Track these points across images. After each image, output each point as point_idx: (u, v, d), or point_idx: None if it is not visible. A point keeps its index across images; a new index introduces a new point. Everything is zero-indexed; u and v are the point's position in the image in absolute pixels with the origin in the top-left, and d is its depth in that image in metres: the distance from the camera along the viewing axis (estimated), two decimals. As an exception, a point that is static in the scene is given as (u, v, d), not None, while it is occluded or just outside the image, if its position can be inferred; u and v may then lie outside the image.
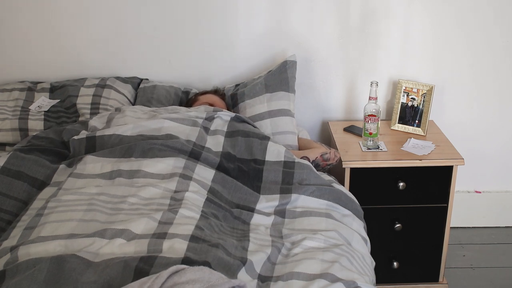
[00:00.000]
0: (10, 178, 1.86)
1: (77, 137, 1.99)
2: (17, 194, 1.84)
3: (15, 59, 2.66)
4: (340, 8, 2.59)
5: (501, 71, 2.71)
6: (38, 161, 1.92)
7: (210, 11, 2.60)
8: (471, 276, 2.64)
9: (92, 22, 2.61)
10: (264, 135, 2.08)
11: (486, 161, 2.87)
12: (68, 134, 2.06)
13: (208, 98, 2.42)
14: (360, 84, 2.71)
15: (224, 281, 1.22)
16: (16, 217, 1.77)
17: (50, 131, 2.10)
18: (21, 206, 1.81)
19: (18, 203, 1.82)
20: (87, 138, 1.97)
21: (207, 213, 1.67)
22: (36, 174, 1.89)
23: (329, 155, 2.23)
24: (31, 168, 1.89)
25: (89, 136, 1.97)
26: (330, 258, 1.59)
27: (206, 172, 1.87)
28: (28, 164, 1.90)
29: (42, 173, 1.90)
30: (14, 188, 1.84)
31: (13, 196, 1.83)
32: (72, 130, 2.08)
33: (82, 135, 2.00)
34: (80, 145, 1.97)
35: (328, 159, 2.23)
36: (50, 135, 2.07)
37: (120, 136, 1.95)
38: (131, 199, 1.69)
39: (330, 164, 2.26)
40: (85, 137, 1.98)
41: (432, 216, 2.43)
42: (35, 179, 1.88)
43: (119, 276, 1.33)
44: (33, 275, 1.33)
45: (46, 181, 1.89)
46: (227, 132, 2.05)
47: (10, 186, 1.84)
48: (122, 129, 2.00)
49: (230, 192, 1.85)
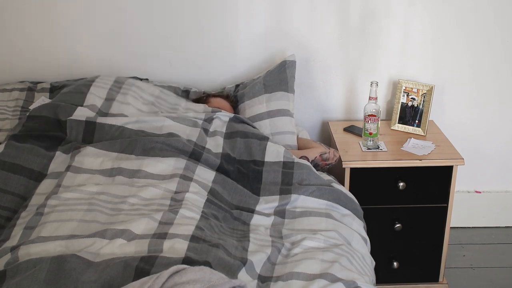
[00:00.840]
0: (6, 172, 1.83)
1: (75, 118, 1.94)
2: (14, 189, 1.81)
3: (15, 59, 2.66)
4: (340, 8, 2.59)
5: (501, 71, 2.71)
6: (33, 150, 1.89)
7: (210, 11, 2.60)
8: (471, 276, 2.64)
9: (92, 22, 2.61)
10: (263, 135, 2.07)
11: (486, 161, 2.87)
12: (63, 112, 1.99)
13: (219, 103, 2.38)
14: (360, 84, 2.71)
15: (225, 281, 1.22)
16: (14, 213, 1.76)
17: (44, 107, 2.03)
18: (19, 201, 1.79)
19: (15, 198, 1.80)
20: (86, 122, 1.93)
21: (207, 213, 1.67)
22: (32, 165, 1.86)
23: (328, 154, 2.23)
24: (26, 158, 1.86)
25: (89, 121, 1.93)
26: (330, 258, 1.59)
27: (206, 173, 1.87)
28: (23, 155, 1.87)
29: (39, 163, 1.87)
30: (10, 183, 1.82)
31: (10, 191, 1.80)
32: (67, 107, 2.01)
33: (81, 117, 1.95)
34: (78, 127, 1.93)
35: (328, 159, 2.23)
36: (44, 113, 2.01)
37: (121, 128, 1.93)
38: (131, 199, 1.69)
39: (329, 164, 2.26)
40: (85, 120, 1.93)
41: (432, 216, 2.43)
42: (31, 171, 1.85)
43: (119, 276, 1.33)
44: (33, 275, 1.33)
45: (43, 171, 1.86)
46: (226, 133, 2.05)
47: (6, 181, 1.82)
48: (123, 121, 1.97)
49: (230, 194, 1.85)
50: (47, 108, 2.03)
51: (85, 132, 1.93)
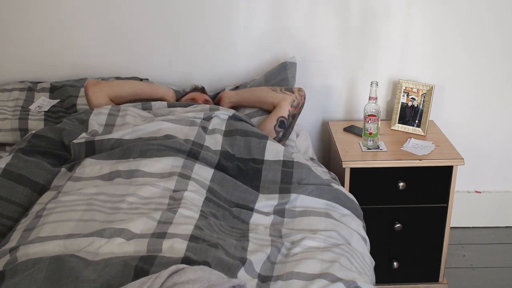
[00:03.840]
0: (12, 182, 1.85)
1: (76, 141, 1.99)
2: (18, 199, 1.83)
3: (15, 59, 2.66)
4: (341, 8, 2.59)
5: (501, 71, 2.71)
6: (40, 164, 1.91)
7: (210, 11, 2.60)
8: (471, 276, 2.64)
9: (92, 22, 2.61)
10: (263, 134, 2.07)
11: (486, 161, 2.87)
12: (68, 136, 2.04)
13: (190, 95, 2.40)
14: (360, 84, 2.71)
15: (224, 280, 1.22)
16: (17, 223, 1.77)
17: (49, 130, 2.07)
18: (22, 212, 1.80)
19: (19, 208, 1.81)
20: (86, 143, 1.97)
21: (206, 212, 1.67)
22: (37, 178, 1.88)
23: (296, 100, 2.21)
24: (33, 171, 1.88)
25: (88, 141, 1.97)
26: (330, 257, 1.58)
27: (205, 171, 1.87)
28: (30, 167, 1.89)
29: (43, 177, 1.89)
30: (15, 193, 1.83)
31: (14, 201, 1.82)
32: (72, 131, 2.06)
33: (82, 139, 2.00)
34: (80, 148, 1.97)
35: (299, 104, 2.20)
36: (49, 134, 2.05)
37: (120, 141, 1.95)
38: (130, 198, 1.69)
39: (302, 106, 2.23)
40: (85, 141, 1.97)
41: (432, 216, 2.43)
42: (36, 184, 1.87)
43: (118, 275, 1.33)
44: (32, 275, 1.33)
45: (47, 185, 1.88)
46: (225, 131, 2.05)
47: (12, 191, 1.83)
48: (120, 133, 1.99)
49: (229, 191, 1.85)
50: (52, 130, 2.07)
51: (87, 151, 1.97)
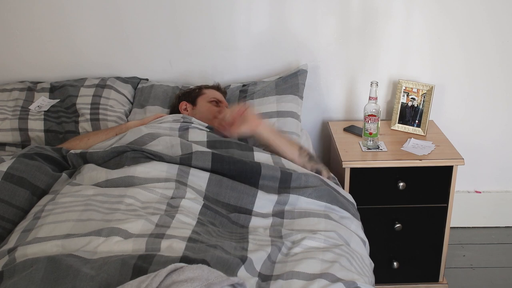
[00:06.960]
0: (13, 185, 1.85)
1: (73, 152, 2.05)
2: (19, 203, 1.83)
3: (15, 59, 2.66)
4: (341, 8, 2.59)
5: (501, 71, 2.71)
6: (41, 168, 1.93)
7: (210, 11, 2.60)
8: (471, 276, 2.64)
9: (92, 22, 2.61)
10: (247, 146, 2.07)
11: (486, 161, 2.87)
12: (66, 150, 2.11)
13: (214, 94, 2.40)
14: (360, 84, 2.71)
15: (223, 279, 1.22)
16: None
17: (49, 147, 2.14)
18: (22, 216, 1.81)
19: (20, 212, 1.82)
20: (80, 154, 2.03)
21: (204, 220, 1.67)
22: (38, 182, 1.89)
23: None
24: (34, 175, 1.89)
25: (82, 152, 2.03)
26: (330, 258, 1.58)
27: (200, 175, 1.85)
28: (31, 170, 1.90)
29: (44, 181, 1.91)
30: (16, 196, 1.84)
31: (15, 205, 1.83)
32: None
33: (77, 150, 2.06)
34: (77, 159, 2.02)
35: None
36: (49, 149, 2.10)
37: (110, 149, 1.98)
38: (127, 199, 1.69)
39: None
40: (79, 152, 2.03)
41: (432, 216, 2.43)
42: (36, 188, 1.88)
43: (117, 274, 1.33)
44: (30, 275, 1.33)
45: (46, 189, 1.90)
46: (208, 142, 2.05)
47: (13, 194, 1.84)
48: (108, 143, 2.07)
49: (226, 193, 1.83)
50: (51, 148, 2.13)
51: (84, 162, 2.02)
